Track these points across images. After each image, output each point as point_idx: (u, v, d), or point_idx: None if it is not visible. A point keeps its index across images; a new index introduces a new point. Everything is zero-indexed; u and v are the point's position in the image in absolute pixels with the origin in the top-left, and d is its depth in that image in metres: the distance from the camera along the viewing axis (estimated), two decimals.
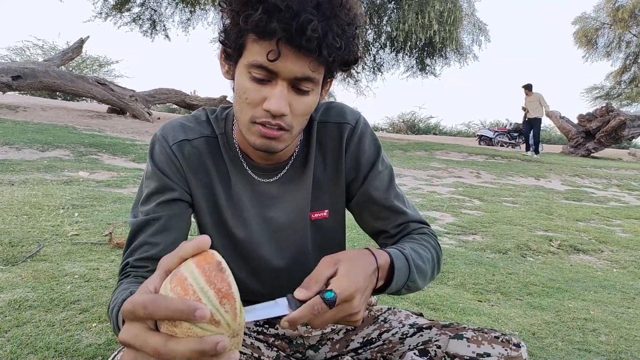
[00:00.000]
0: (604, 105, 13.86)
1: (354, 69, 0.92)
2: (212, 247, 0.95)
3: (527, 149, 12.42)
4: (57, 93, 15.84)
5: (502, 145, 15.83)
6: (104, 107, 11.82)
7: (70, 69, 19.11)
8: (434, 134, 26.12)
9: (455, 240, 3.35)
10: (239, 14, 0.72)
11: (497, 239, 3.42)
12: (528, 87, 11.61)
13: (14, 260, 2.09)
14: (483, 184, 6.69)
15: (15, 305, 1.61)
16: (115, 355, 0.78)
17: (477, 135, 18.73)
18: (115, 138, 7.53)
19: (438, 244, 0.98)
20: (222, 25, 0.78)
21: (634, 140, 16.86)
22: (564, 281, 2.56)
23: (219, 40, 0.80)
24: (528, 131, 12.29)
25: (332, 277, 0.68)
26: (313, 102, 0.80)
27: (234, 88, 0.81)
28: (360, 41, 0.78)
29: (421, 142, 12.44)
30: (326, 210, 0.96)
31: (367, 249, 0.77)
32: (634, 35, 20.31)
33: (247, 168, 0.90)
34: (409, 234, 0.97)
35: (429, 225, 1.01)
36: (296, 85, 0.76)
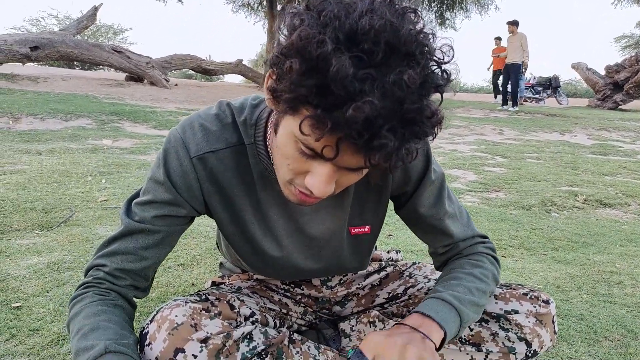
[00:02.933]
0: (633, 54, 13.25)
1: None
2: (237, 253, 0.98)
3: (504, 103, 10.30)
4: (75, 63, 15.90)
5: (526, 101, 15.38)
6: (122, 75, 11.86)
7: (86, 37, 19.11)
8: (455, 91, 25.49)
9: (478, 198, 3.34)
10: (298, 98, 0.55)
11: (521, 195, 3.39)
12: (514, 23, 9.47)
13: (48, 226, 2.18)
14: (506, 141, 6.57)
15: (54, 267, 1.69)
16: (155, 315, 0.78)
17: None
18: (135, 105, 7.59)
19: (494, 257, 0.94)
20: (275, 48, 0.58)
21: None
22: (590, 235, 2.54)
23: (269, 65, 0.60)
24: (506, 80, 10.07)
25: None
26: (362, 174, 0.68)
27: (275, 128, 0.67)
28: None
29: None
30: (368, 226, 0.93)
31: (421, 332, 0.73)
32: None
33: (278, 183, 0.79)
34: (458, 256, 0.94)
35: (483, 238, 0.96)
36: None
